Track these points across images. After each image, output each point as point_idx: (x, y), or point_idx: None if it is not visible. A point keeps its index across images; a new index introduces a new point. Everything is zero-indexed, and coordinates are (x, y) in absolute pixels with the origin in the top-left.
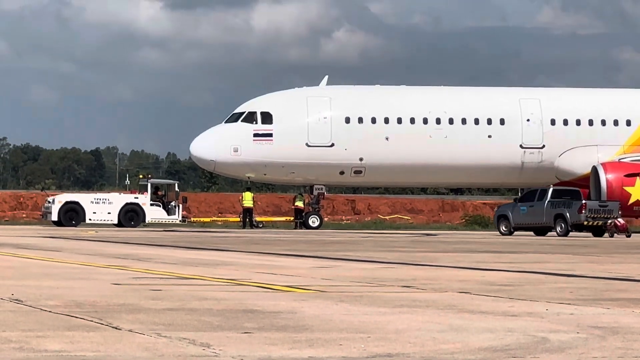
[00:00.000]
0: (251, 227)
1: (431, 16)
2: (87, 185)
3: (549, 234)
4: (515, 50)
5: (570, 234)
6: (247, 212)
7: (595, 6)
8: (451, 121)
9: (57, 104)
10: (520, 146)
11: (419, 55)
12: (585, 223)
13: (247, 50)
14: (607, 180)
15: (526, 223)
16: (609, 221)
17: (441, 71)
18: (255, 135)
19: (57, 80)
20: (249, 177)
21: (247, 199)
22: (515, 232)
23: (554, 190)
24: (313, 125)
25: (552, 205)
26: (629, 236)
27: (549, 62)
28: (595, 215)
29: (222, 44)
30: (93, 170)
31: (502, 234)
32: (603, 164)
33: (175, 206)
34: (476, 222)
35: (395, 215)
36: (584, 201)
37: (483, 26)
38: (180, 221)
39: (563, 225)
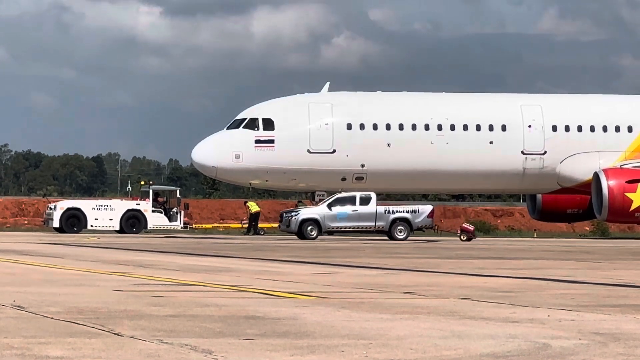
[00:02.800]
0: (255, 234)
1: (431, 22)
2: (88, 192)
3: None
4: (516, 57)
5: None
6: (254, 218)
7: (594, 13)
8: (453, 127)
9: (59, 110)
10: (522, 152)
11: (420, 61)
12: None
13: (247, 56)
14: (609, 187)
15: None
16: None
17: (442, 77)
18: (257, 141)
19: (58, 87)
20: (250, 184)
21: (254, 205)
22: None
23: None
24: (314, 131)
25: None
26: (469, 239)
27: (550, 68)
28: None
29: (222, 50)
30: (95, 176)
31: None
32: (605, 170)
33: (177, 213)
34: (478, 229)
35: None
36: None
37: (483, 33)
38: (181, 227)
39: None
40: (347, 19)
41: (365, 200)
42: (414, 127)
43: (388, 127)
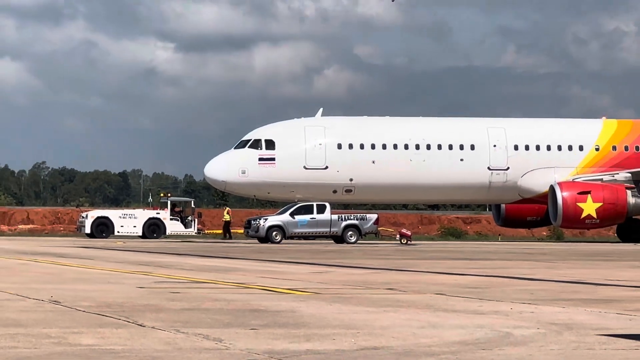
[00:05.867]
0: (230, 238)
1: (408, 57)
2: (115, 203)
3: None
4: (481, 86)
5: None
6: (228, 225)
7: (547, 50)
8: (428, 147)
9: (89, 133)
10: (488, 168)
11: (400, 90)
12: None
13: (249, 86)
14: (563, 198)
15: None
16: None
17: (419, 104)
18: (260, 159)
19: (88, 112)
20: (255, 196)
21: (227, 216)
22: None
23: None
24: (310, 150)
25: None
26: (407, 243)
27: (510, 95)
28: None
29: (228, 81)
30: (121, 189)
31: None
32: (559, 183)
33: (191, 220)
34: (450, 234)
35: (381, 228)
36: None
37: (453, 66)
38: (195, 233)
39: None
40: (336, 54)
41: (321, 209)
42: (395, 146)
43: (373, 146)
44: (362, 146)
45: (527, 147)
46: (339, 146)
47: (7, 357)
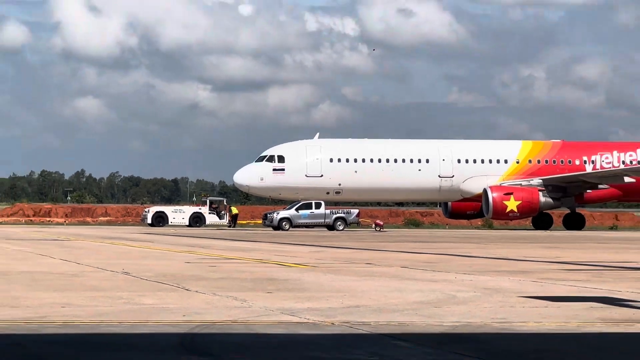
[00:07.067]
0: (233, 227)
1: (380, 95)
2: (169, 201)
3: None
4: (433, 117)
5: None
6: (235, 217)
7: (481, 89)
8: (395, 161)
9: (150, 151)
10: (439, 176)
11: (375, 119)
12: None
13: (265, 117)
14: (493, 197)
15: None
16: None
17: (388, 129)
18: (274, 170)
19: (149, 135)
20: (270, 196)
21: (235, 209)
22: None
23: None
24: (310, 163)
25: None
26: (379, 230)
27: (455, 123)
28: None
29: (249, 113)
30: (173, 192)
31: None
32: (490, 187)
33: (224, 214)
34: (411, 223)
35: (361, 219)
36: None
37: (413, 102)
38: (227, 224)
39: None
40: (328, 94)
41: (318, 206)
42: (372, 160)
43: (355, 160)
44: (347, 160)
45: (467, 161)
46: (331, 160)
47: (91, 313)
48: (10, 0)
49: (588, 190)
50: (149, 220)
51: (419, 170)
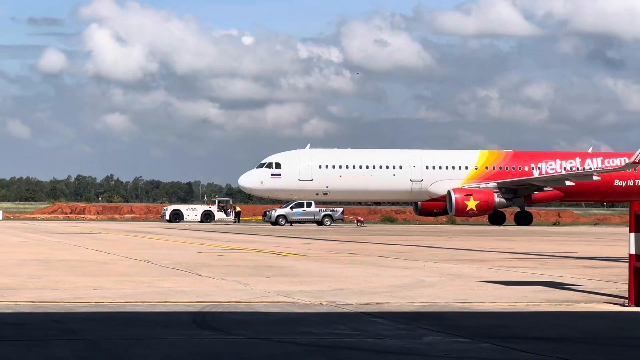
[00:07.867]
0: (238, 222)
1: (361, 112)
2: (184, 201)
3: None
4: (404, 131)
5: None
6: (239, 214)
7: (444, 107)
8: (374, 167)
9: (168, 158)
10: (410, 180)
11: (356, 133)
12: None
13: (264, 130)
14: (456, 198)
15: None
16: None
17: (368, 141)
18: (272, 174)
19: (167, 146)
20: (269, 197)
21: (238, 208)
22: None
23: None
24: (302, 169)
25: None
26: (360, 225)
27: (423, 136)
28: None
29: (251, 128)
30: (187, 193)
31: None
32: (453, 189)
33: (230, 212)
34: (387, 220)
35: (345, 216)
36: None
37: (388, 118)
38: (232, 220)
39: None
40: (317, 111)
41: (309, 205)
42: (354, 167)
43: (341, 167)
44: (334, 167)
45: (434, 167)
46: (320, 167)
47: (117, 295)
48: (51, 32)
49: (535, 192)
50: (167, 217)
51: (394, 175)
